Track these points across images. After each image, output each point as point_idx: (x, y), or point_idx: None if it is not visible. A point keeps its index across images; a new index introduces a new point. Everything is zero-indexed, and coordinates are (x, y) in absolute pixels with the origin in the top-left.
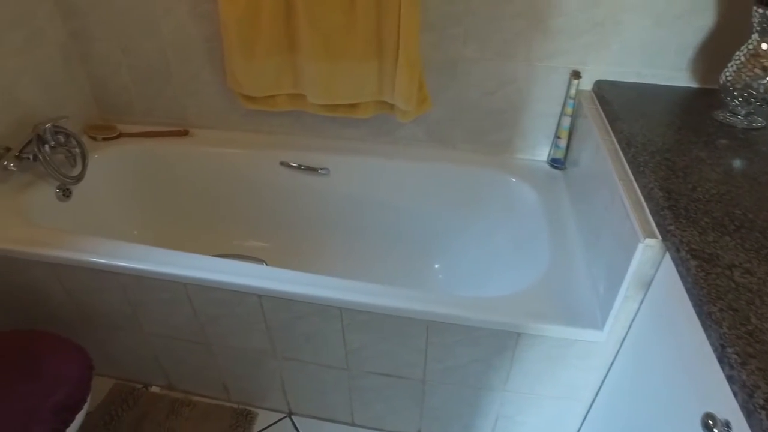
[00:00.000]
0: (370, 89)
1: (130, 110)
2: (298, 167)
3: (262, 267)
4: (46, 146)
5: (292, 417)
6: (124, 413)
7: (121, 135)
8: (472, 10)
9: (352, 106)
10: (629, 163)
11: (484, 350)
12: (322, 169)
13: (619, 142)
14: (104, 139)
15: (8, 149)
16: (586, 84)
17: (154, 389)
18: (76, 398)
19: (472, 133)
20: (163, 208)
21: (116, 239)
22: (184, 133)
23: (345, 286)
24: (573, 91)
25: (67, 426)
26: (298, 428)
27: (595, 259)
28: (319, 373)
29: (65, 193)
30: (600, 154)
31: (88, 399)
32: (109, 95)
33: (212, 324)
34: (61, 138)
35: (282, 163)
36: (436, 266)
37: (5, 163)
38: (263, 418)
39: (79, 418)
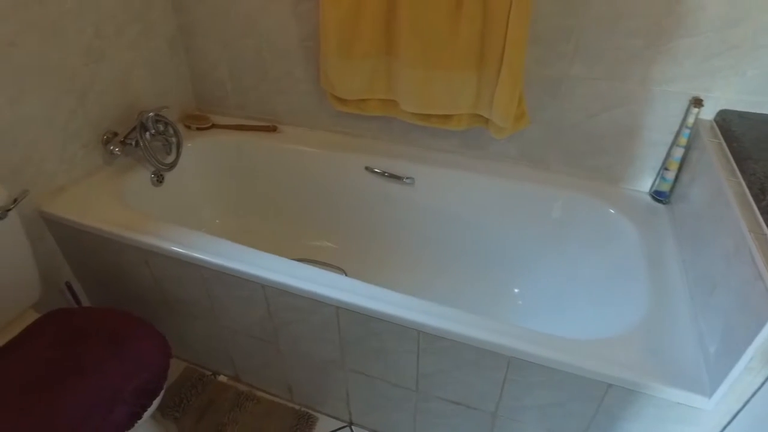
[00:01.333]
0: (467, 101)
1: (224, 103)
2: (383, 174)
3: (343, 278)
4: (147, 133)
5: (353, 427)
6: (193, 398)
7: (213, 126)
8: (586, 25)
9: (446, 117)
10: (763, 213)
11: (567, 396)
12: (407, 178)
13: (750, 186)
14: (198, 128)
15: (115, 134)
16: (706, 113)
17: (222, 378)
18: (154, 384)
19: (570, 155)
20: (245, 200)
21: (199, 226)
22: (273, 129)
23: (427, 309)
24: (691, 120)
25: (145, 410)
26: None
27: (705, 313)
28: (386, 389)
29: (159, 179)
30: (722, 196)
31: (165, 386)
32: (206, 87)
33: (285, 327)
34: (161, 126)
35: (367, 168)
36: (516, 291)
37: (111, 147)
38: (323, 424)
39: (155, 403)
